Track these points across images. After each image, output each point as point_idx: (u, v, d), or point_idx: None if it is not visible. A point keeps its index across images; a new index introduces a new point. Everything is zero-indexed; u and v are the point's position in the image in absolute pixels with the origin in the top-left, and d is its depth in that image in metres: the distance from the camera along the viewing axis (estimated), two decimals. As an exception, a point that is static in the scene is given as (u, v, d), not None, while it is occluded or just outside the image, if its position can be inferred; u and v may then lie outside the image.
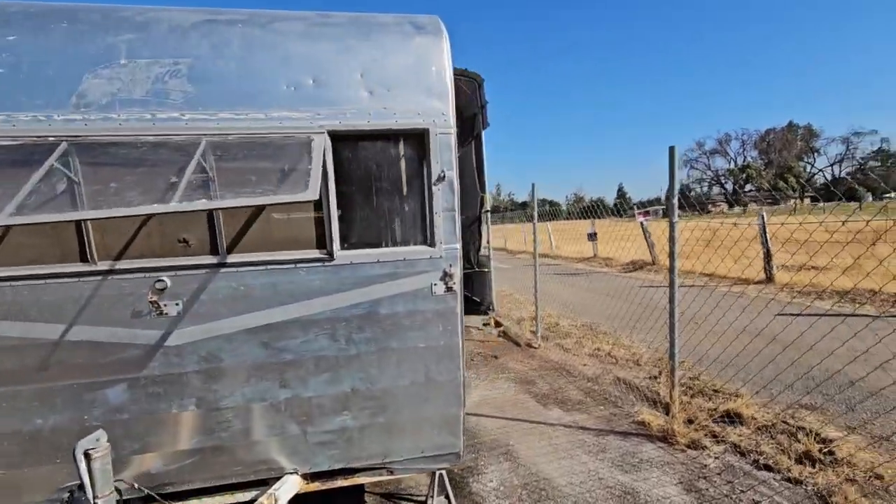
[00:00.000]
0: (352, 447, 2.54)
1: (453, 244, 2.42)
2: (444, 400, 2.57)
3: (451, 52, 2.41)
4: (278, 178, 2.14)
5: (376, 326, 2.40)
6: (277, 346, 2.32)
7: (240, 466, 2.44)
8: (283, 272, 2.27)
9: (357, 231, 2.37)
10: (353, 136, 2.27)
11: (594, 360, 6.02)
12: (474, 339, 7.40)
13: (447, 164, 2.34)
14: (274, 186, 2.02)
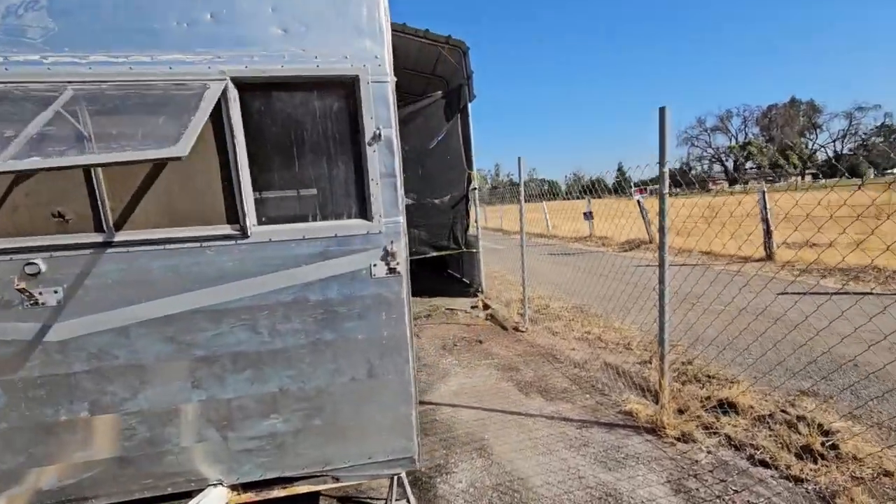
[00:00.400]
0: (285, 454, 2.19)
1: (395, 217, 2.03)
2: (392, 399, 2.21)
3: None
4: (168, 137, 1.74)
5: (306, 316, 2.03)
6: (185, 340, 1.95)
7: (150, 479, 2.10)
8: (187, 252, 1.88)
9: (277, 202, 1.97)
10: (264, 85, 1.86)
11: (583, 344, 5.68)
12: (459, 323, 7.07)
13: (384, 120, 1.94)
14: (159, 146, 1.62)
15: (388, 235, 2.02)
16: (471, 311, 7.78)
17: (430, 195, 10.76)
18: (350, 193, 1.99)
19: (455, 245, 8.73)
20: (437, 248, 8.77)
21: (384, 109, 1.93)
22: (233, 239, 1.90)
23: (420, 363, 5.39)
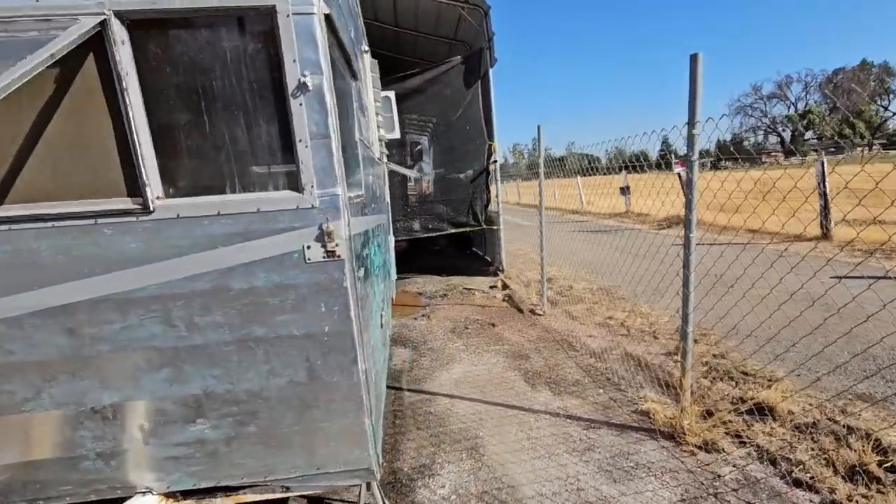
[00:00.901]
0: (218, 463, 1.91)
1: (332, 188, 1.64)
2: (340, 406, 1.88)
3: None
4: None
5: (228, 307, 1.70)
6: (89, 333, 1.66)
7: (68, 485, 1.86)
8: (81, 231, 1.57)
9: (187, 170, 1.62)
10: (159, 21, 1.49)
11: (603, 330, 5.20)
12: (475, 304, 6.69)
13: (311, 65, 1.53)
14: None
15: (323, 211, 1.64)
16: (488, 292, 7.39)
17: (454, 170, 10.30)
18: (276, 159, 1.61)
19: (474, 222, 8.29)
20: (455, 225, 8.36)
21: (311, 50, 1.52)
22: (133, 215, 1.57)
23: (425, 347, 5.08)
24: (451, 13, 8.03)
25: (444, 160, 11.00)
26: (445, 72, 7.96)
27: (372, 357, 2.34)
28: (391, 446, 3.22)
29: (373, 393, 2.07)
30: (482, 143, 8.14)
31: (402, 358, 4.81)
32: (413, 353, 4.95)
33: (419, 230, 8.41)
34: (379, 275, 3.22)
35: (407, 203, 8.46)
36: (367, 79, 3.76)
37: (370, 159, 3.33)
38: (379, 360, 2.73)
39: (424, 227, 8.37)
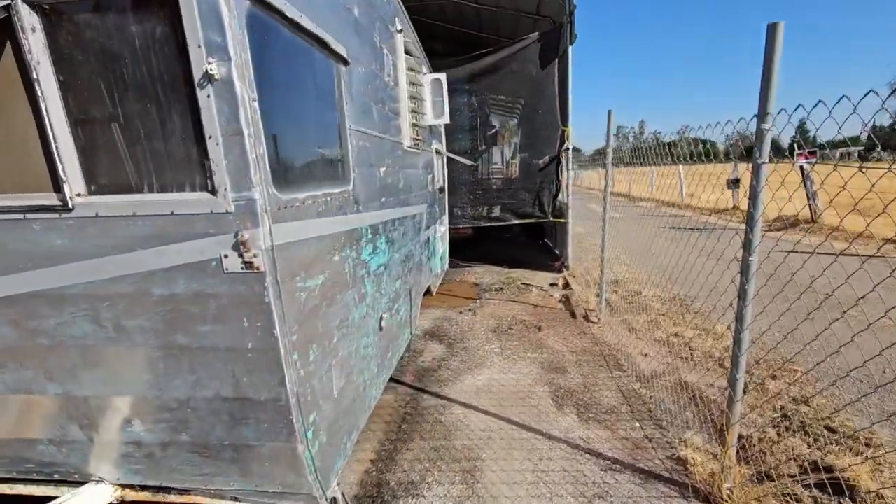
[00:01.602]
0: (157, 466, 1.87)
1: (248, 192, 1.44)
2: (269, 428, 1.72)
3: None
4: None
5: (152, 312, 1.60)
6: (29, 326, 1.67)
7: (32, 464, 1.94)
8: (12, 225, 1.55)
9: (105, 167, 1.53)
10: (69, 5, 1.37)
11: (663, 349, 4.55)
12: (527, 302, 6.28)
13: (219, 51, 1.33)
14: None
15: (238, 217, 1.46)
16: (547, 290, 6.91)
17: (522, 156, 9.76)
18: (191, 157, 1.45)
19: (540, 213, 7.77)
20: (519, 216, 7.92)
21: (217, 34, 1.31)
22: (56, 211, 1.52)
23: (460, 345, 4.84)
24: (531, -15, 7.45)
25: (512, 146, 10.47)
26: (519, 51, 7.44)
27: (343, 371, 2.16)
28: (388, 453, 3.07)
29: (324, 413, 1.89)
30: (555, 128, 7.53)
31: (433, 355, 4.63)
32: (446, 350, 4.74)
33: (481, 219, 8.09)
34: (388, 272, 3.02)
35: (470, 190, 8.15)
36: (399, 61, 3.52)
37: (390, 148, 3.11)
38: (366, 372, 2.55)
39: (486, 216, 8.03)
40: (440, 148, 5.71)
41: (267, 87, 1.54)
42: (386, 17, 3.13)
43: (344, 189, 2.23)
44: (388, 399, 3.76)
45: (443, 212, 6.39)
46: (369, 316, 2.63)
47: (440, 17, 9.95)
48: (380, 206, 2.86)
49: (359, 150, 2.44)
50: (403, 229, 3.55)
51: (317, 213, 1.89)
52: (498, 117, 12.05)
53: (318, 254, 1.91)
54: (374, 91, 2.77)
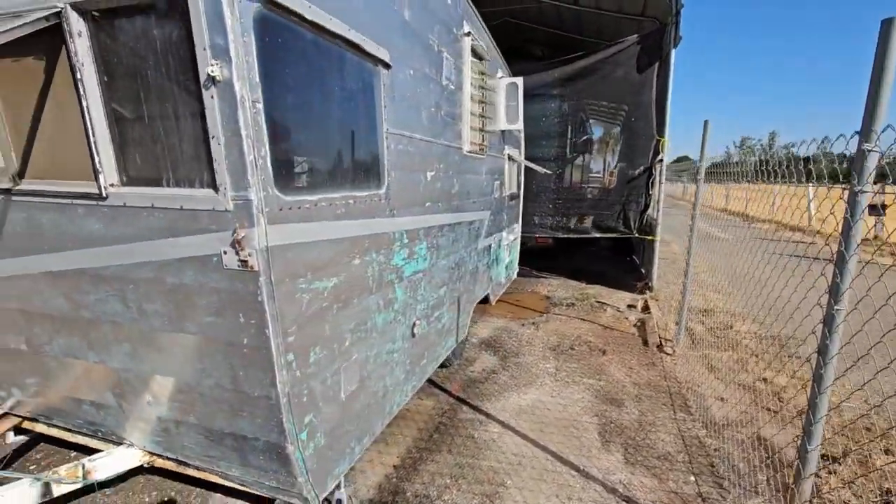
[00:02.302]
0: (171, 440, 2.00)
1: (245, 192, 1.47)
2: (262, 423, 1.75)
3: None
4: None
5: (166, 299, 1.70)
6: (75, 299, 1.87)
7: (79, 420, 2.19)
8: (64, 209, 1.75)
9: (135, 160, 1.65)
10: (104, 11, 1.50)
11: (745, 396, 3.95)
12: (598, 323, 5.87)
13: (221, 53, 1.36)
14: None
15: (236, 216, 1.49)
16: (623, 311, 6.40)
17: (612, 167, 9.17)
18: (199, 155, 1.51)
19: (625, 228, 7.23)
20: (602, 230, 7.44)
21: (220, 37, 1.35)
22: (93, 199, 1.67)
23: (514, 360, 4.65)
24: (636, -16, 6.95)
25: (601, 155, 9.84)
26: (614, 54, 6.97)
27: (357, 375, 2.15)
28: (413, 462, 3.02)
29: (324, 416, 1.89)
30: (649, 137, 6.95)
31: (484, 366, 4.50)
32: (498, 363, 4.58)
33: (560, 229, 7.74)
34: (429, 279, 2.98)
35: (551, 199, 7.83)
36: (465, 65, 3.44)
37: (442, 153, 3.06)
38: (389, 377, 2.52)
39: (566, 226, 7.65)
40: (514, 154, 5.53)
41: (277, 89, 1.55)
42: (449, 20, 3.08)
43: (373, 193, 2.21)
44: (427, 405, 3.72)
45: (513, 220, 6.19)
46: (398, 322, 2.59)
47: (539, 20, 9.71)
48: (423, 211, 2.82)
49: (397, 154, 2.41)
50: (454, 236, 3.47)
51: (334, 216, 1.88)
52: (599, 124, 11.45)
53: (333, 256, 1.91)
54: (425, 95, 2.73)
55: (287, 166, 1.63)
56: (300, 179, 1.73)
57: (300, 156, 1.76)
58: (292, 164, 1.69)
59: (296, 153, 1.72)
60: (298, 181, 1.71)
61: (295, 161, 1.72)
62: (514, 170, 5.91)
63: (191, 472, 2.16)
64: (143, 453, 2.14)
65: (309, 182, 1.78)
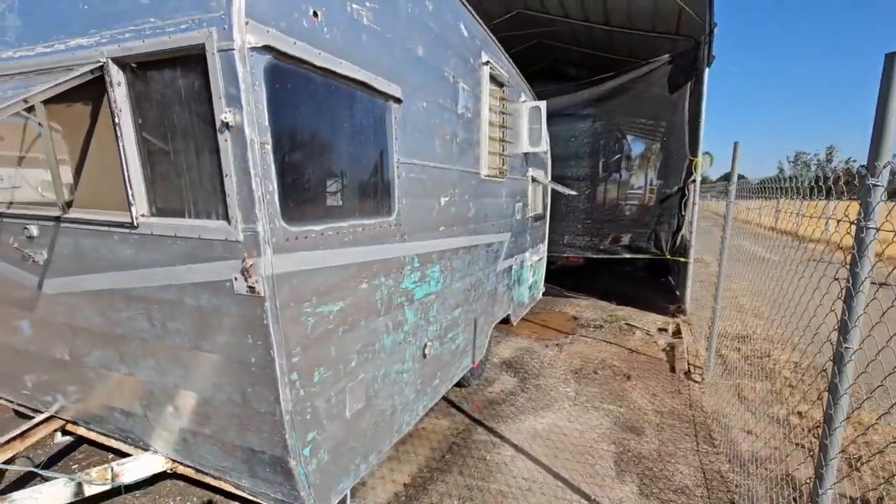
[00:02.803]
0: (190, 449, 2.15)
1: (253, 224, 1.61)
2: (268, 437, 1.87)
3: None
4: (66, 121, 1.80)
5: (186, 319, 1.86)
6: (110, 316, 2.07)
7: (111, 425, 2.39)
8: (102, 235, 1.95)
9: (162, 194, 1.83)
10: (137, 63, 1.70)
11: (778, 430, 3.77)
12: (624, 346, 5.74)
13: (234, 102, 1.52)
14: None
15: (245, 246, 1.63)
16: (653, 335, 6.24)
17: (642, 187, 9.03)
18: (215, 189, 1.67)
19: (657, 249, 7.07)
20: (632, 251, 7.31)
21: (233, 87, 1.50)
22: (126, 227, 1.87)
23: (533, 382, 4.63)
24: (668, 4, 6.89)
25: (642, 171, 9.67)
26: (645, 74, 6.93)
27: (363, 394, 2.24)
28: (423, 481, 3.06)
29: (328, 433, 1.99)
30: (682, 157, 6.82)
31: (502, 387, 4.50)
32: (517, 384, 4.57)
33: (589, 250, 7.65)
34: (441, 301, 3.06)
35: (579, 218, 7.76)
36: (483, 93, 3.55)
37: (457, 178, 3.16)
38: (398, 397, 2.60)
39: (595, 247, 7.56)
40: (538, 175, 5.57)
41: (286, 130, 1.70)
42: (466, 52, 3.20)
43: (383, 220, 2.33)
44: (442, 425, 3.76)
45: (538, 240, 6.19)
46: (408, 343, 2.67)
47: (572, 41, 9.77)
48: (436, 235, 2.91)
49: (409, 182, 2.52)
50: (470, 258, 3.54)
51: (340, 244, 2.00)
52: (639, 140, 11.29)
53: (340, 281, 2.02)
54: (439, 124, 2.85)
55: (294, 200, 1.77)
56: (307, 211, 1.86)
57: (307, 189, 1.90)
58: (299, 198, 1.82)
59: (303, 187, 1.86)
60: (305, 213, 1.84)
61: (302, 194, 1.85)
62: (539, 190, 5.93)
63: (208, 481, 2.30)
64: (166, 460, 2.31)
65: (316, 213, 1.92)
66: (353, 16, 1.96)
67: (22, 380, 2.59)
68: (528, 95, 5.05)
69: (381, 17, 2.15)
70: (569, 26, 8.90)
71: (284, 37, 1.62)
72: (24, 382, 2.59)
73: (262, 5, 1.54)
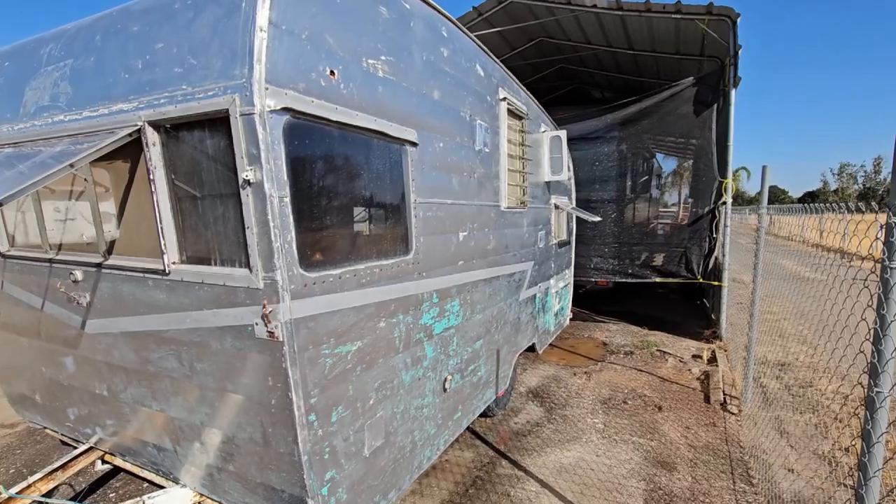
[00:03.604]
0: (215, 484, 2.23)
1: (272, 273, 1.70)
2: (286, 476, 1.92)
3: None
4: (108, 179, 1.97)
5: (212, 360, 1.96)
6: (144, 356, 2.20)
7: (144, 458, 2.50)
8: (137, 281, 2.10)
9: (192, 243, 1.95)
10: (170, 125, 1.84)
11: (822, 468, 3.56)
12: (656, 374, 5.57)
13: (254, 161, 1.63)
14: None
15: (265, 292, 1.72)
16: (687, 362, 6.03)
17: (670, 210, 8.85)
18: (238, 240, 1.77)
19: (687, 273, 6.88)
20: (662, 274, 7.14)
21: (253, 146, 1.61)
22: (159, 274, 2.00)
23: (560, 412, 4.54)
24: (690, 28, 6.87)
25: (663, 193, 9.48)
26: (669, 98, 6.87)
27: (381, 431, 2.28)
28: (446, 517, 3.04)
29: (347, 472, 2.04)
30: (710, 179, 6.68)
31: (528, 417, 4.44)
32: (544, 415, 4.50)
33: (618, 273, 7.51)
34: (462, 334, 3.09)
35: (606, 242, 7.66)
36: (501, 127, 3.63)
37: (475, 212, 3.21)
38: (417, 432, 2.62)
39: (623, 270, 7.42)
40: (561, 202, 5.56)
41: (303, 183, 1.80)
42: (483, 91, 3.29)
43: (400, 259, 2.39)
44: (467, 457, 3.74)
45: (563, 266, 6.14)
46: (427, 378, 2.70)
47: (596, 65, 9.83)
48: (455, 269, 2.96)
49: (426, 221, 2.59)
50: (491, 289, 3.56)
51: (357, 285, 2.08)
52: (670, 158, 11.12)
53: (357, 321, 2.09)
54: (456, 162, 2.92)
55: (311, 247, 1.86)
56: (324, 257, 1.94)
57: (325, 236, 1.99)
58: (317, 245, 1.91)
59: (320, 235, 1.95)
60: (322, 259, 1.93)
61: (319, 242, 1.94)
62: (563, 217, 5.92)
63: (234, 515, 2.37)
64: (195, 494, 2.39)
65: (333, 258, 2.00)
66: (369, 70, 2.08)
67: (66, 412, 2.76)
68: (549, 125, 5.09)
69: (396, 68, 2.26)
70: (591, 51, 8.97)
71: (302, 97, 1.73)
72: (67, 415, 2.76)
73: (281, 69, 1.66)
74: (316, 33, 1.79)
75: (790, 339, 6.99)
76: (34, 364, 2.75)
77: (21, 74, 2.32)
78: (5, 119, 2.34)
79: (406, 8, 2.36)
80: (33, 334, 2.65)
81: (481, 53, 3.26)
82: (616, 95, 9.57)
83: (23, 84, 2.29)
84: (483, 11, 7.47)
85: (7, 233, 2.65)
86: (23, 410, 3.12)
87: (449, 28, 2.80)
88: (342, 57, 1.91)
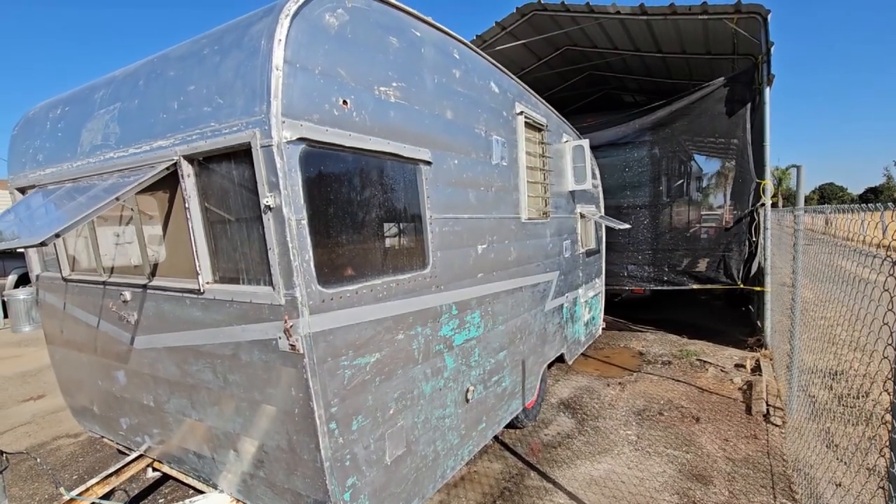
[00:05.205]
0: (249, 490, 2.37)
1: (292, 290, 1.83)
2: (310, 482, 2.03)
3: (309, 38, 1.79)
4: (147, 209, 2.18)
5: (242, 372, 2.12)
6: (184, 368, 2.38)
7: (186, 465, 2.69)
8: (176, 300, 2.29)
9: (223, 264, 2.13)
10: (202, 158, 2.03)
11: (871, 481, 3.35)
12: (694, 385, 5.40)
13: (273, 188, 1.78)
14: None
15: (286, 308, 1.86)
16: (728, 371, 5.81)
17: (706, 214, 8.57)
18: (262, 260, 1.93)
19: (727, 279, 6.65)
20: (700, 281, 6.92)
21: (273, 175, 1.76)
22: (195, 293, 2.18)
23: (592, 424, 4.48)
24: (720, 27, 6.72)
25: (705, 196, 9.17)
26: (700, 99, 6.71)
27: (402, 440, 2.36)
28: (473, 528, 3.08)
29: (368, 479, 2.13)
30: (747, 181, 6.46)
31: (559, 429, 4.40)
32: (575, 426, 4.45)
33: (653, 281, 7.33)
34: (484, 345, 3.15)
35: (640, 249, 7.50)
36: (519, 141, 3.70)
37: (494, 225, 3.29)
38: (440, 442, 2.69)
39: (659, 278, 7.24)
40: (587, 211, 5.53)
41: (319, 206, 1.94)
42: (498, 106, 3.38)
43: (417, 273, 2.50)
44: (495, 468, 3.76)
45: (593, 275, 6.07)
46: (449, 388, 2.78)
47: (625, 70, 9.75)
48: (474, 282, 3.03)
49: (442, 235, 2.69)
50: (514, 300, 3.61)
51: (374, 300, 2.19)
52: (711, 159, 10.78)
53: (375, 334, 2.20)
54: (472, 177, 3.01)
55: (329, 265, 1.99)
56: (341, 274, 2.07)
57: (341, 255, 2.12)
58: (334, 263, 2.04)
59: (337, 253, 2.08)
60: (340, 275, 2.05)
61: (336, 259, 2.07)
62: (591, 225, 5.87)
63: (267, 519, 2.50)
64: (231, 499, 2.55)
65: (350, 274, 2.12)
66: (381, 97, 2.21)
67: (119, 422, 3.00)
68: (572, 135, 5.11)
69: (408, 93, 2.39)
70: (619, 57, 8.91)
71: (317, 126, 1.88)
72: (120, 424, 3.00)
73: (296, 103, 1.81)
74: (328, 67, 1.94)
75: (843, 346, 6.58)
76: (92, 377, 3.02)
77: (79, 118, 2.60)
78: (66, 158, 2.63)
79: (416, 35, 2.49)
80: (91, 350, 2.91)
81: (495, 71, 3.36)
82: (648, 98, 9.42)
83: (80, 126, 2.57)
84: (506, 26, 7.59)
85: (68, 258, 2.95)
86: (83, 421, 3.41)
87: (461, 50, 2.91)
88: (354, 87, 2.06)
